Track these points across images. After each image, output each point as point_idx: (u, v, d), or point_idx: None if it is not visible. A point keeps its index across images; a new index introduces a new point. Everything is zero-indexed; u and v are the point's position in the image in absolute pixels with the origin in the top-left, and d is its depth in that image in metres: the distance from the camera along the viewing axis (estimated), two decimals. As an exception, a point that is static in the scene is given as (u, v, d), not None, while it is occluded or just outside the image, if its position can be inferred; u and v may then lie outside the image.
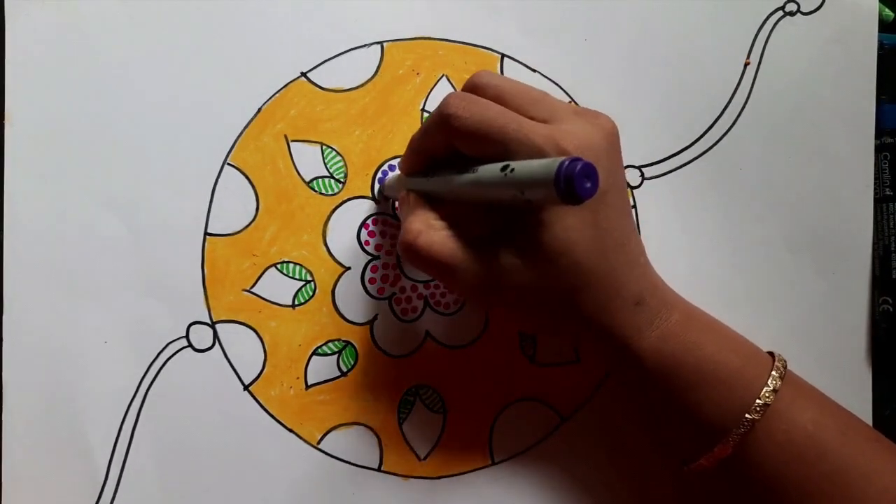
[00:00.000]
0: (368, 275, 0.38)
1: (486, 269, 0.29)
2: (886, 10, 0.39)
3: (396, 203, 0.38)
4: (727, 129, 0.39)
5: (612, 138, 0.30)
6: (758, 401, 0.30)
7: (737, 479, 0.32)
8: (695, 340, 0.31)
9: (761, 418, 0.30)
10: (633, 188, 0.39)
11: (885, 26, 0.39)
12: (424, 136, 0.32)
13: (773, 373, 0.31)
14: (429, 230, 0.30)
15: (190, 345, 0.37)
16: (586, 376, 0.39)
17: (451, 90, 0.38)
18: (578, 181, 0.23)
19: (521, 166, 0.26)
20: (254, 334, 0.37)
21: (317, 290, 0.38)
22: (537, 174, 0.25)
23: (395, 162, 0.38)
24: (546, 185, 0.24)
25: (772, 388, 0.30)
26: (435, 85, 0.38)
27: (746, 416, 0.30)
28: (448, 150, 0.31)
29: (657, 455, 0.38)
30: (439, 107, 0.30)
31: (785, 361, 0.32)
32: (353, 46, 0.38)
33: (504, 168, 0.27)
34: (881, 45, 0.39)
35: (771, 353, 0.33)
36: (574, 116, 0.30)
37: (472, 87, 0.31)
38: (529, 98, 0.30)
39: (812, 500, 0.30)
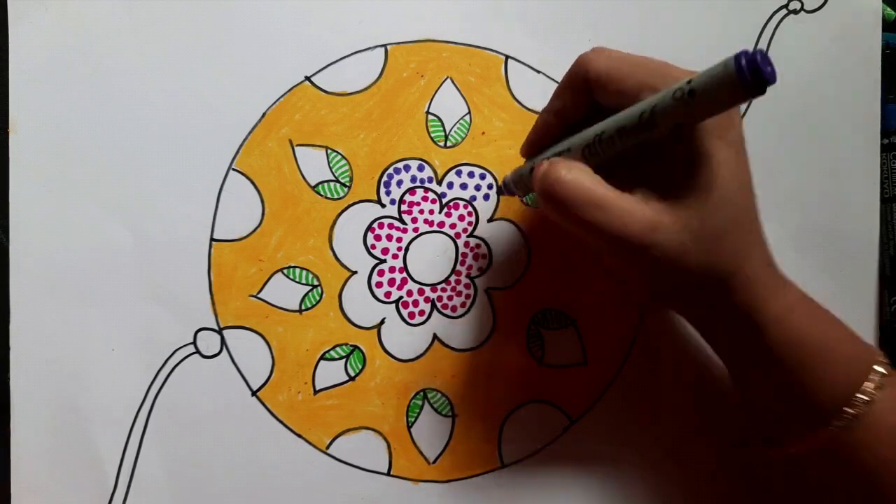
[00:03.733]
0: (375, 279, 0.38)
1: (640, 208, 0.28)
2: (888, 9, 0.39)
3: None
4: (732, 128, 0.39)
5: None
6: (868, 384, 0.29)
7: (835, 464, 0.31)
8: (817, 317, 0.31)
9: (874, 401, 0.29)
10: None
11: (886, 25, 0.39)
12: (557, 98, 0.32)
13: (882, 359, 0.31)
14: (573, 169, 0.28)
15: (197, 351, 0.37)
16: (594, 378, 0.39)
17: (456, 92, 0.38)
18: (763, 66, 0.23)
19: (695, 78, 0.25)
20: (261, 340, 0.37)
21: (324, 295, 0.38)
22: (716, 74, 0.24)
23: (400, 165, 0.38)
24: (728, 83, 0.23)
25: (885, 373, 0.30)
26: (439, 87, 0.38)
27: (860, 396, 0.29)
28: (580, 111, 0.31)
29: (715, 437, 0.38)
30: (575, 61, 0.30)
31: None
32: (356, 50, 0.38)
33: (675, 89, 0.26)
34: (886, 45, 0.39)
35: None
36: None
37: None
38: (652, 65, 0.30)
39: None
